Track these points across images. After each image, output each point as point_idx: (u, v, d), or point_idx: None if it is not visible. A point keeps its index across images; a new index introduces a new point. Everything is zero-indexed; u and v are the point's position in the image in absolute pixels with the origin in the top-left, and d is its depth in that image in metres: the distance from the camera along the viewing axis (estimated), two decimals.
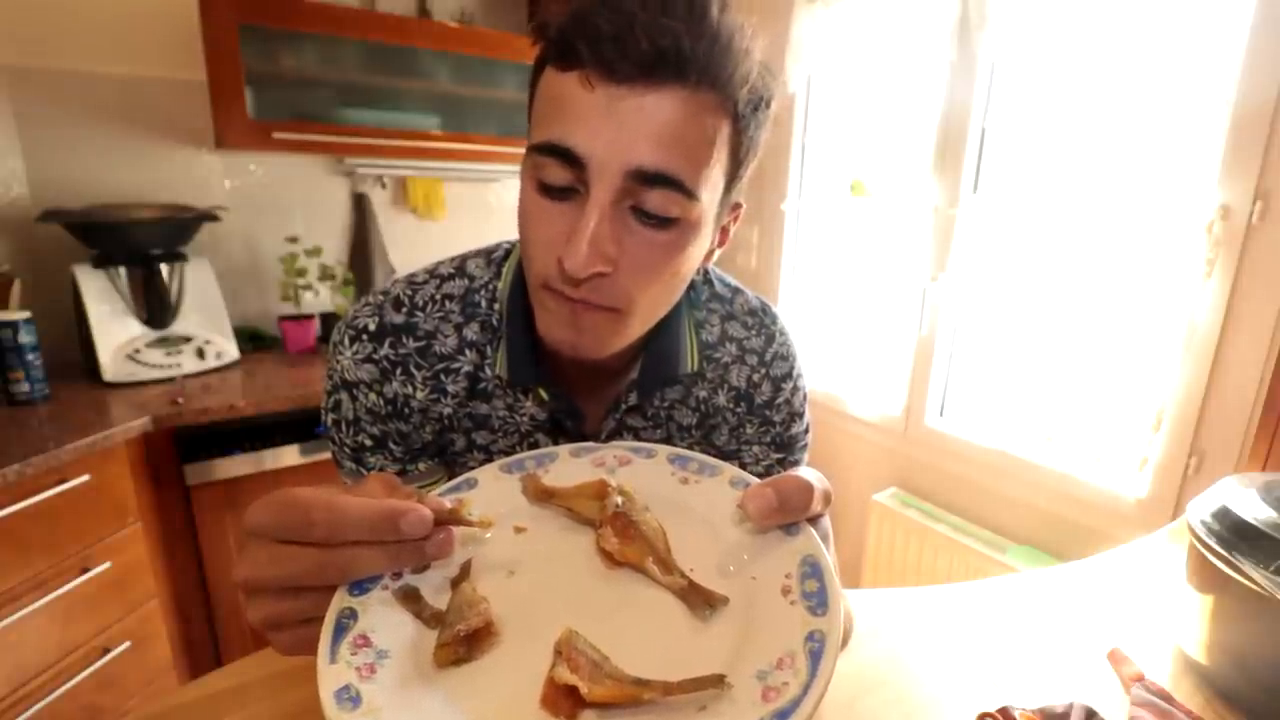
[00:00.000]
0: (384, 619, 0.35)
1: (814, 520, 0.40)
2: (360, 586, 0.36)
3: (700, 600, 0.37)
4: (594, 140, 0.43)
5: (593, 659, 0.33)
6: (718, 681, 0.31)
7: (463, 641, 0.34)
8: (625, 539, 0.40)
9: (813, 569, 0.36)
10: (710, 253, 0.56)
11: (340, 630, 0.34)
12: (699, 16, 0.43)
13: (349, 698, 0.31)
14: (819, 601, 0.34)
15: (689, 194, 0.45)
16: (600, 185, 0.44)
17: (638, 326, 0.52)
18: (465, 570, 0.39)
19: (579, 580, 0.40)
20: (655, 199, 0.45)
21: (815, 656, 0.31)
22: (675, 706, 0.31)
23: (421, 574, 0.39)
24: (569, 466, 0.48)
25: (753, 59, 0.46)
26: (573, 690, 0.31)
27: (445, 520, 0.37)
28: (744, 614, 0.36)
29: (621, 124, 0.43)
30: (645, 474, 0.46)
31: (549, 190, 0.47)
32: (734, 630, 0.35)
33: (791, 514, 0.38)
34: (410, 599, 0.37)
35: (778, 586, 0.36)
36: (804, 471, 0.40)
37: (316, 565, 0.33)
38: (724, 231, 0.56)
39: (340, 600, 0.35)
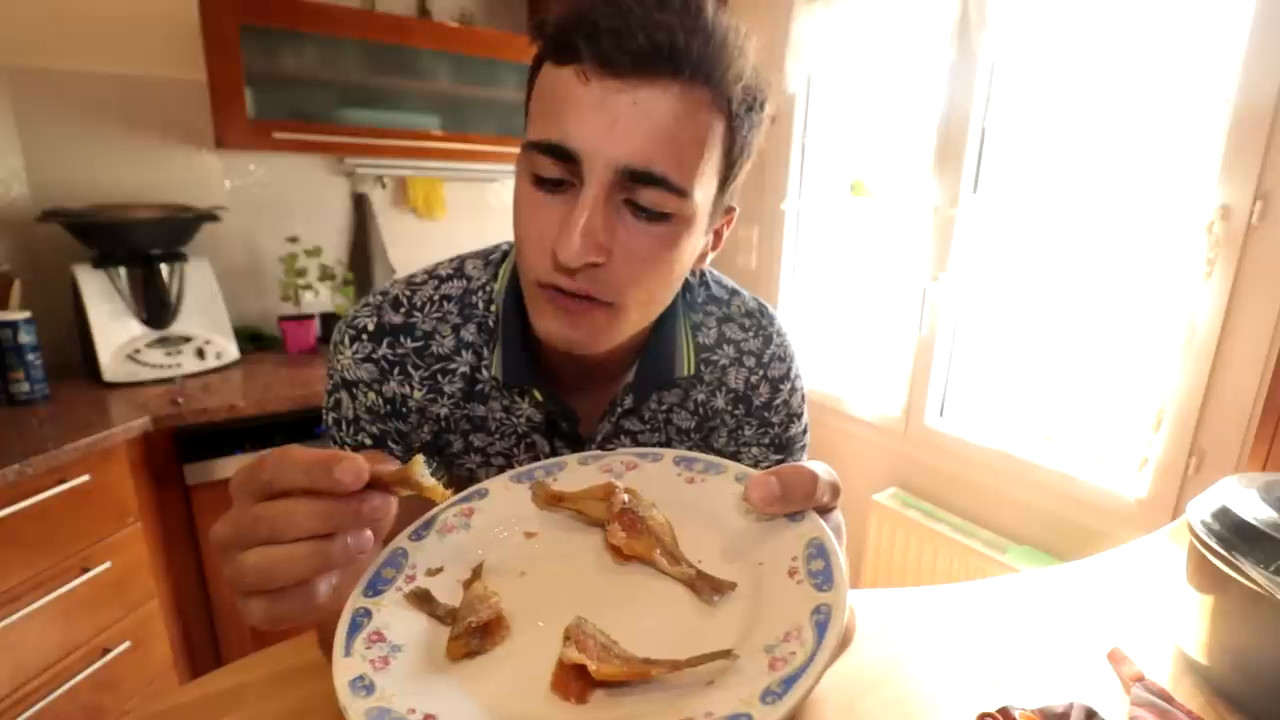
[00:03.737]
0: (397, 617, 0.36)
1: (825, 513, 0.40)
2: (374, 588, 0.38)
3: (708, 587, 0.37)
4: (587, 135, 0.44)
5: (601, 642, 0.33)
6: (725, 656, 0.32)
7: (475, 633, 0.35)
8: (633, 533, 0.40)
9: (818, 550, 0.36)
10: (703, 255, 0.56)
11: (355, 627, 0.35)
12: (695, 12, 0.44)
13: (363, 686, 0.32)
14: (825, 579, 0.34)
15: (679, 192, 0.46)
16: (593, 179, 0.44)
17: (632, 322, 0.52)
18: (477, 572, 0.40)
19: (589, 576, 0.41)
20: (648, 195, 0.45)
21: (821, 627, 0.31)
22: (684, 682, 0.32)
23: (434, 577, 0.39)
24: (577, 474, 0.48)
25: (747, 59, 0.47)
26: (582, 673, 0.32)
27: (393, 480, 0.35)
28: (751, 598, 0.36)
29: (615, 119, 0.43)
30: (652, 477, 0.47)
31: (543, 182, 0.47)
32: (742, 613, 0.36)
33: (794, 502, 0.38)
34: (423, 600, 0.38)
35: (784, 569, 0.36)
36: (810, 462, 0.40)
37: (252, 519, 0.32)
38: (716, 235, 0.56)
39: (355, 601, 0.36)
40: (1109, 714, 0.52)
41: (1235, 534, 0.54)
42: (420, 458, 0.37)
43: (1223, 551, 0.53)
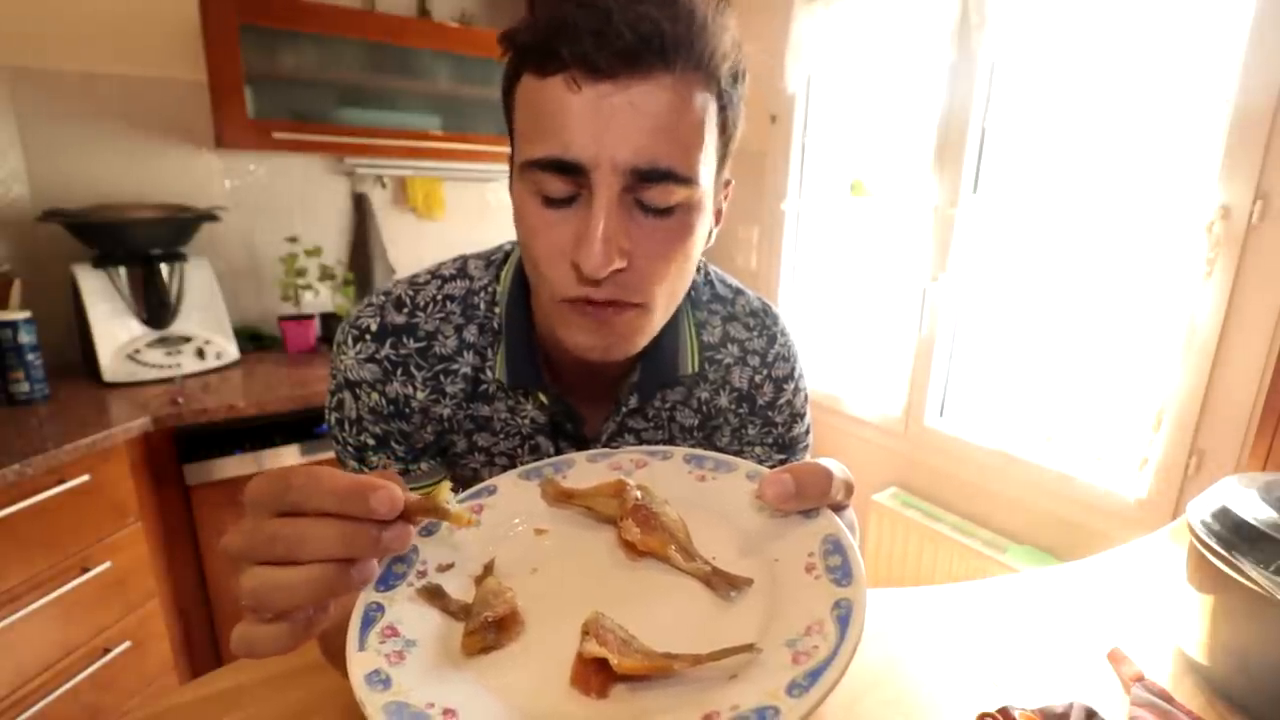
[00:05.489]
0: (411, 612, 0.36)
1: (838, 510, 0.40)
2: (385, 583, 0.37)
3: (724, 583, 0.37)
4: (590, 144, 0.43)
5: (621, 637, 0.33)
6: (747, 650, 0.31)
7: (490, 628, 0.35)
8: (647, 529, 0.40)
9: (835, 546, 0.36)
10: (709, 233, 0.56)
11: (368, 622, 0.35)
12: (672, 0, 0.43)
13: (379, 680, 0.31)
14: (843, 573, 0.34)
15: (687, 181, 0.46)
16: (602, 186, 0.44)
17: (659, 318, 0.52)
18: (489, 569, 0.40)
19: (603, 572, 0.40)
20: (658, 190, 0.45)
21: (843, 621, 0.31)
22: (706, 676, 0.32)
23: (444, 573, 0.39)
24: (586, 471, 0.48)
25: (729, 33, 0.46)
26: (603, 667, 0.31)
27: (419, 510, 0.35)
28: (769, 593, 0.36)
29: (612, 122, 0.43)
30: (662, 474, 0.47)
31: (552, 201, 0.46)
32: (760, 609, 0.35)
33: (809, 500, 0.38)
34: (435, 595, 0.37)
35: (801, 565, 0.36)
36: (823, 459, 0.40)
37: (268, 538, 0.31)
38: (717, 213, 0.56)
39: (367, 595, 0.36)
40: (1109, 714, 0.52)
41: (1235, 534, 0.54)
42: (446, 484, 0.37)
43: (1223, 551, 0.53)
